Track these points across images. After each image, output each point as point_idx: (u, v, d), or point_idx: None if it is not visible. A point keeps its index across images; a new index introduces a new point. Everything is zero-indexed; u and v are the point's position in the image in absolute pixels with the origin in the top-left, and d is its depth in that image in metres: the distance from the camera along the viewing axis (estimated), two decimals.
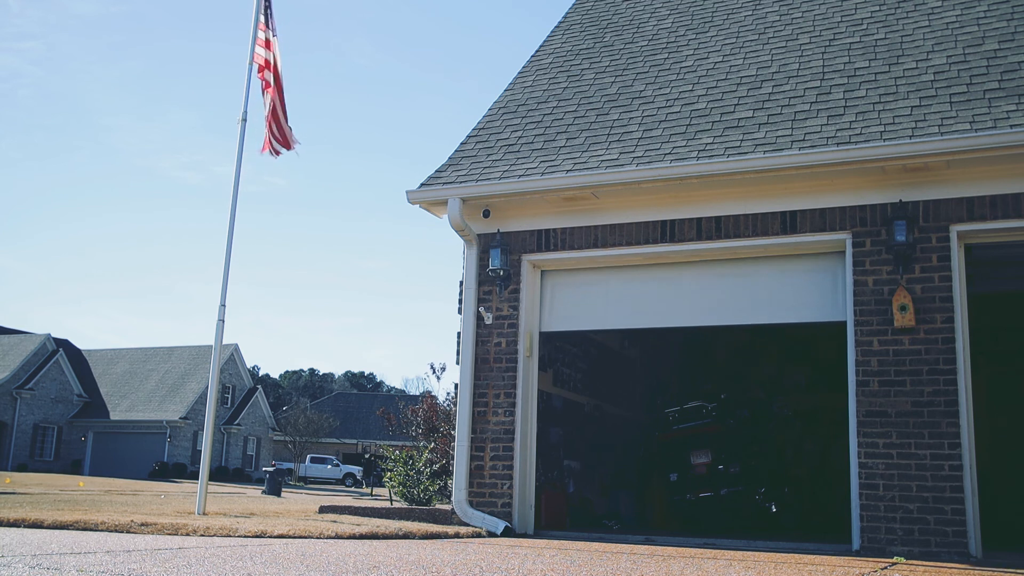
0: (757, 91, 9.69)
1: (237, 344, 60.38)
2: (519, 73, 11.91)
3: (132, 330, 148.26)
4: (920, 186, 8.16)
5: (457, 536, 8.24)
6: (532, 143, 10.10)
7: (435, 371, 22.81)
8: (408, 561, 5.51)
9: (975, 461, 7.73)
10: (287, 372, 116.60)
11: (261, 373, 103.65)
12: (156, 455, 53.57)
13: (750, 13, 11.60)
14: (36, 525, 7.59)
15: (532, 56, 12.33)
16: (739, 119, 9.25)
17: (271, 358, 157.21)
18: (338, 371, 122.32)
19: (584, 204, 9.41)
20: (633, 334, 13.83)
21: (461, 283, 9.86)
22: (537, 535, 9.00)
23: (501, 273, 9.54)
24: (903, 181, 8.20)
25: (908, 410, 7.82)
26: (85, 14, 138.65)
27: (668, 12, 12.47)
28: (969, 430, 7.70)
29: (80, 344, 63.15)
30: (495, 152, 10.14)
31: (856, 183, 8.37)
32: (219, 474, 53.29)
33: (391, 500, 15.74)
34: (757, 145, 8.64)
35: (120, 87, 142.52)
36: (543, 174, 9.27)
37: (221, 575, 4.47)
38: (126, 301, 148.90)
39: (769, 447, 11.88)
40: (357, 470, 57.50)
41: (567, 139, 9.95)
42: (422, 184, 9.85)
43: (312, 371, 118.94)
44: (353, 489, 50.35)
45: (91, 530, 7.28)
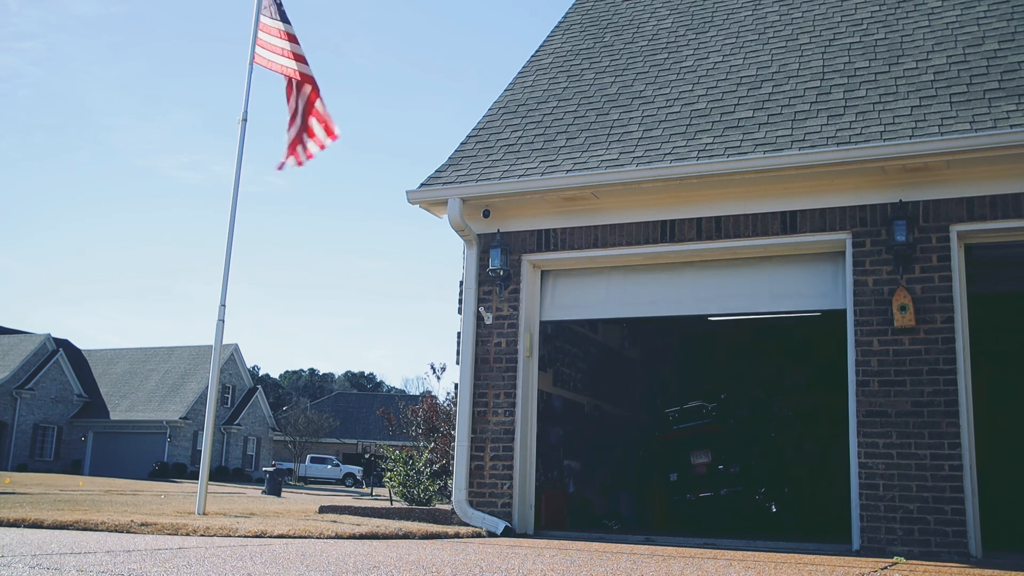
0: (757, 91, 9.69)
1: (237, 344, 60.45)
2: (519, 73, 11.92)
3: (132, 330, 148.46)
4: (920, 186, 8.16)
5: (457, 536, 8.24)
6: (532, 143, 10.10)
7: (435, 371, 22.76)
8: (408, 561, 5.51)
9: (975, 461, 7.73)
10: (287, 372, 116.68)
11: (261, 373, 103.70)
12: (156, 455, 53.58)
13: (750, 13, 11.60)
14: (36, 525, 7.59)
15: (532, 56, 12.33)
16: (739, 119, 9.25)
17: (271, 358, 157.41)
18: (338, 371, 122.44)
19: (584, 204, 9.41)
20: (633, 333, 13.83)
21: (461, 283, 9.86)
22: (537, 535, 9.00)
23: (501, 273, 9.55)
24: (903, 181, 8.20)
25: (908, 410, 7.82)
26: (85, 14, 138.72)
27: (668, 12, 12.47)
28: (969, 430, 7.70)
29: (80, 344, 63.26)
30: (495, 152, 10.14)
31: (856, 183, 8.37)
32: (219, 474, 53.31)
33: (391, 500, 15.74)
34: (757, 145, 8.64)
35: (120, 87, 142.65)
36: (543, 174, 9.27)
37: (221, 575, 4.47)
38: (126, 301, 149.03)
39: (769, 447, 11.88)
40: (357, 470, 57.51)
41: (567, 139, 9.95)
42: (422, 184, 9.85)
43: (312, 371, 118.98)
44: (353, 489, 50.37)
45: (91, 530, 7.28)
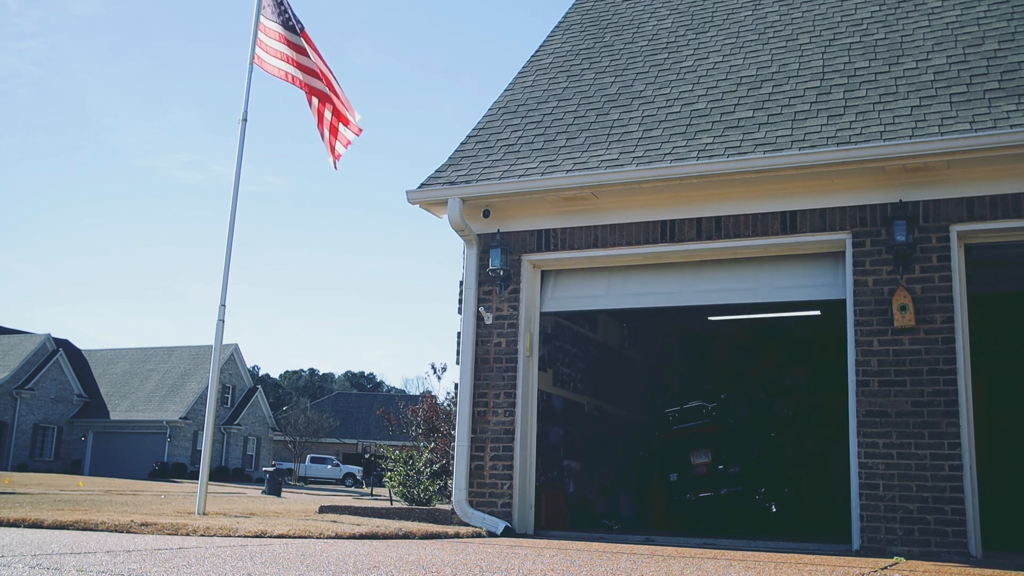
0: (757, 91, 9.69)
1: (237, 344, 60.46)
2: (519, 73, 11.91)
3: (132, 330, 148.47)
4: (920, 186, 8.16)
5: (457, 536, 8.24)
6: (532, 143, 10.10)
7: (435, 371, 22.65)
8: (408, 561, 5.51)
9: (975, 461, 7.73)
10: (287, 372, 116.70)
11: (261, 373, 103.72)
12: (156, 455, 53.59)
13: (750, 13, 11.60)
14: (36, 525, 7.59)
15: (532, 56, 12.33)
16: (739, 119, 9.25)
17: (271, 358, 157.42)
18: (338, 371, 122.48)
19: (584, 204, 9.41)
20: (633, 333, 13.83)
21: (461, 283, 9.86)
22: (537, 535, 9.00)
23: (501, 273, 9.54)
24: (903, 181, 8.20)
25: (908, 410, 7.82)
26: (85, 14, 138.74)
27: (668, 12, 12.47)
28: (969, 430, 7.70)
29: (80, 344, 63.26)
30: (495, 152, 10.14)
31: (856, 183, 8.37)
32: (219, 474, 53.31)
33: (391, 500, 15.74)
34: (757, 145, 8.64)
35: (120, 87, 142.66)
36: (543, 174, 9.27)
37: (221, 575, 4.47)
38: (126, 301, 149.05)
39: (769, 447, 11.88)
40: (357, 470, 57.51)
41: (567, 139, 9.95)
42: (422, 184, 9.85)
43: (312, 371, 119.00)
44: (353, 489, 50.37)
45: (91, 530, 7.28)
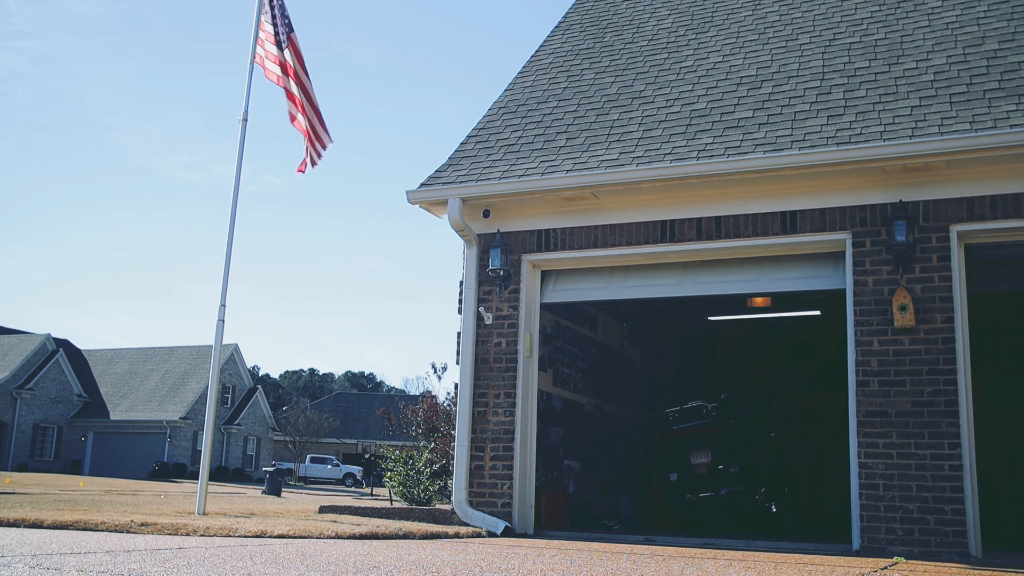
0: (757, 91, 9.69)
1: (237, 344, 60.46)
2: (519, 73, 11.91)
3: (132, 330, 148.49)
4: (920, 186, 8.16)
5: (457, 536, 8.24)
6: (532, 143, 10.10)
7: (436, 371, 22.57)
8: (408, 561, 5.51)
9: (975, 461, 7.73)
10: (287, 372, 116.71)
11: (261, 373, 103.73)
12: (156, 455, 53.58)
13: (750, 13, 11.59)
14: (36, 525, 7.59)
15: (532, 56, 12.33)
16: (739, 119, 9.25)
17: (271, 358, 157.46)
18: (338, 371, 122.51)
19: (584, 204, 9.41)
20: (633, 333, 13.83)
21: (461, 283, 9.86)
22: (537, 535, 9.00)
23: (501, 273, 9.54)
24: (903, 181, 8.20)
25: (908, 410, 7.82)
26: (84, 13, 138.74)
27: (668, 12, 12.47)
28: (969, 430, 7.70)
29: (80, 344, 63.26)
30: (495, 152, 10.14)
31: (856, 183, 8.37)
32: (219, 474, 53.30)
33: (391, 500, 15.74)
34: (757, 145, 8.64)
35: (120, 87, 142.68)
36: (543, 174, 9.27)
37: (221, 575, 4.47)
38: (126, 301, 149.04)
39: (769, 447, 11.88)
40: (357, 470, 57.50)
41: (567, 139, 9.94)
42: (422, 184, 9.85)
43: (312, 371, 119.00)
44: (353, 489, 50.37)
45: (91, 530, 7.28)
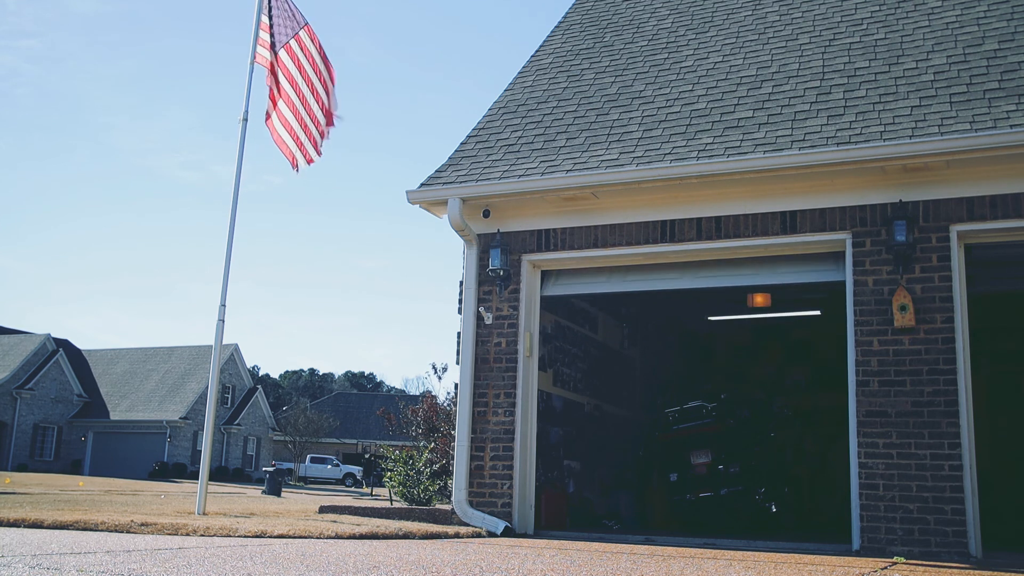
0: (757, 91, 9.69)
1: (237, 344, 60.46)
2: (519, 73, 11.91)
3: (132, 330, 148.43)
4: (920, 186, 8.16)
5: (457, 536, 8.24)
6: (532, 143, 10.10)
7: (436, 371, 22.53)
8: (408, 561, 5.51)
9: (975, 461, 7.73)
10: (287, 372, 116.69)
11: (261, 373, 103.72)
12: (156, 455, 53.59)
13: (750, 13, 11.59)
14: (36, 525, 7.59)
15: (532, 56, 12.33)
16: (739, 119, 9.25)
17: (271, 358, 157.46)
18: (338, 371, 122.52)
19: (584, 204, 9.41)
20: (633, 333, 13.83)
21: (461, 283, 9.86)
22: (537, 535, 9.00)
23: (501, 273, 9.54)
24: (903, 181, 8.20)
25: (908, 410, 7.82)
26: (84, 12, 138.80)
27: (668, 12, 12.47)
28: (969, 430, 7.70)
29: (80, 344, 63.23)
30: (495, 152, 10.14)
31: (856, 183, 8.37)
32: (219, 474, 53.30)
33: (391, 500, 15.74)
34: (757, 145, 8.64)
35: (118, 86, 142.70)
36: (543, 174, 9.27)
37: (221, 575, 4.47)
38: (126, 301, 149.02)
39: (769, 447, 11.88)
40: (357, 470, 57.49)
41: (567, 139, 9.94)
42: (422, 184, 9.85)
43: (312, 371, 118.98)
44: (353, 489, 50.37)
45: (91, 530, 7.28)
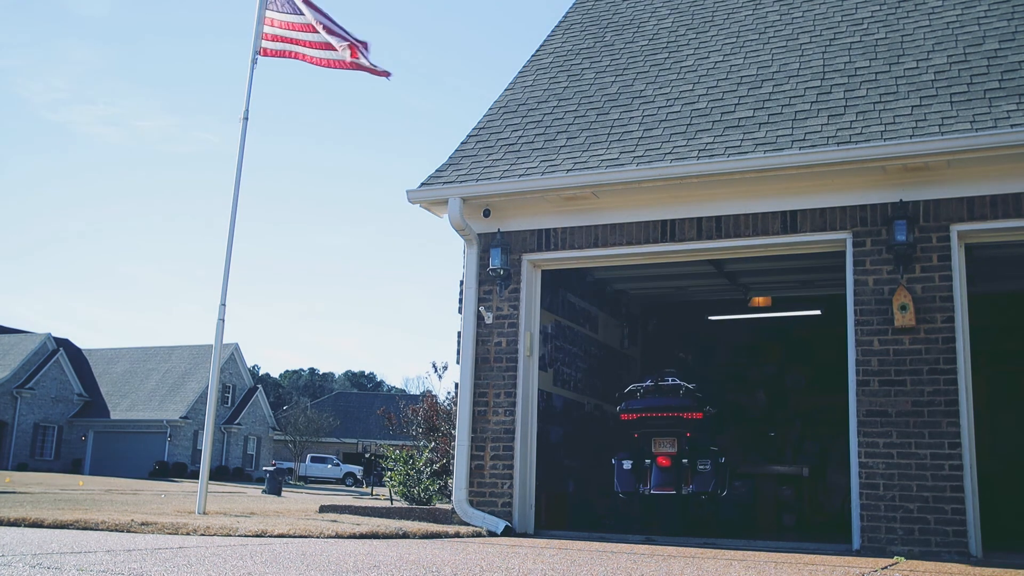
0: (757, 90, 9.69)
1: (237, 344, 60.43)
2: (519, 72, 11.91)
3: (132, 330, 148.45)
4: (920, 186, 8.16)
5: (457, 536, 8.24)
6: (532, 142, 10.09)
7: (436, 370, 22.50)
8: (408, 561, 5.51)
9: (975, 461, 7.73)
10: (287, 372, 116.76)
11: (261, 373, 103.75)
12: (156, 454, 53.58)
13: (750, 13, 11.59)
14: (36, 524, 7.59)
15: (532, 56, 12.33)
16: (739, 118, 9.25)
17: (271, 358, 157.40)
18: (338, 371, 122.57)
19: (584, 203, 9.41)
20: (633, 333, 13.83)
21: (461, 283, 9.86)
22: (537, 535, 9.00)
23: (501, 273, 9.54)
24: (903, 181, 8.19)
25: (908, 410, 7.82)
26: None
27: (668, 12, 12.47)
28: (969, 430, 7.70)
29: (80, 344, 63.15)
30: (495, 151, 10.14)
31: (856, 183, 8.37)
32: (219, 473, 53.29)
33: (391, 500, 15.75)
34: (757, 144, 8.64)
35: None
36: (543, 174, 9.27)
37: (221, 574, 4.47)
38: (126, 301, 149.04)
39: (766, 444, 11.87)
40: (357, 470, 57.50)
41: (567, 138, 9.94)
42: (422, 183, 9.84)
43: (312, 371, 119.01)
44: (353, 489, 50.39)
45: (91, 529, 7.28)
